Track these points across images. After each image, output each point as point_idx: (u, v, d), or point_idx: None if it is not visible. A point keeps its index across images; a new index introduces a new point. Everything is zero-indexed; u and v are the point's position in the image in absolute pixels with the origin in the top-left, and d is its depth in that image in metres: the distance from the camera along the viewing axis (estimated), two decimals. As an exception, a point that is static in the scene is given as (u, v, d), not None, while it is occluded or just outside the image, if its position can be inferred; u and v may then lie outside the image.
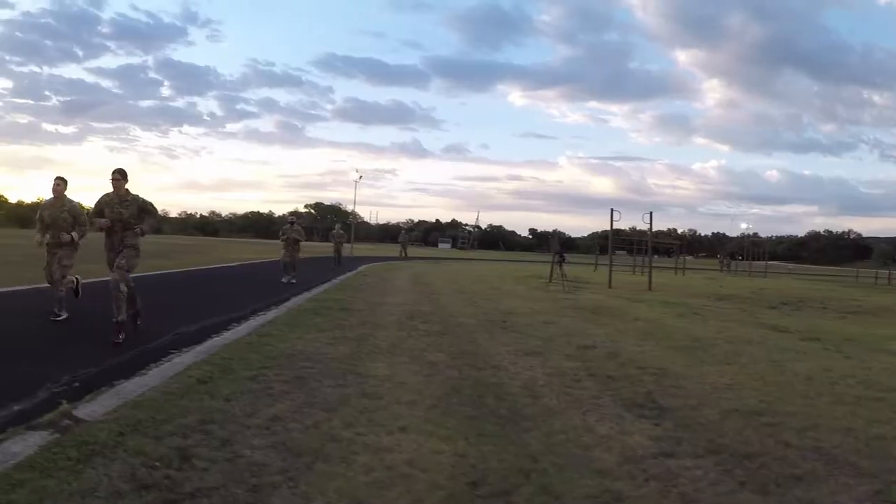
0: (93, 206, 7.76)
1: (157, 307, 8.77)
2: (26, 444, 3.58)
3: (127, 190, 7.42)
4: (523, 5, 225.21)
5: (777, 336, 9.91)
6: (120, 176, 7.33)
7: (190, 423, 4.09)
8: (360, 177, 66.45)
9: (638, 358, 7.22)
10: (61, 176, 8.38)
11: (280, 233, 17.78)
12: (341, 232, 27.27)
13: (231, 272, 21.15)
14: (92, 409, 4.33)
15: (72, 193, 8.39)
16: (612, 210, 22.21)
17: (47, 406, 4.30)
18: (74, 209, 8.35)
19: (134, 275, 7.45)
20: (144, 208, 7.48)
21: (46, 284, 8.41)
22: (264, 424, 4.19)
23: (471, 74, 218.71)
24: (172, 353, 6.36)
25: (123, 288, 7.02)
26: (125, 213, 7.33)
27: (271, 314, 9.67)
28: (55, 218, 8.18)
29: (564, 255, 21.93)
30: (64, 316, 8.10)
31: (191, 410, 4.38)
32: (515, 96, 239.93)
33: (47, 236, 8.29)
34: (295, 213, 14.97)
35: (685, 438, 4.32)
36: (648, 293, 19.15)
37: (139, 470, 3.30)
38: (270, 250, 41.72)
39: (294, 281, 16.08)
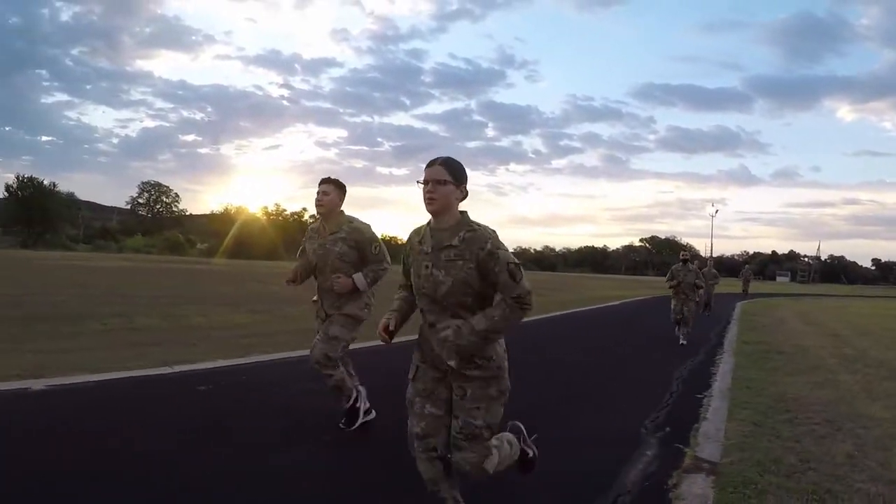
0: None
1: (612, 345, 10.58)
2: (699, 485, 4.19)
3: (462, 213, 3.08)
4: (838, 10, 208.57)
5: None
6: (447, 173, 3.01)
7: (795, 463, 4.66)
8: (717, 210, 62.00)
9: None
10: (330, 177, 4.85)
11: (668, 275, 13.53)
12: (714, 271, 24.03)
13: (629, 310, 23.07)
14: (707, 451, 4.95)
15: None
16: None
17: (663, 449, 5.01)
18: (359, 236, 4.82)
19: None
20: None
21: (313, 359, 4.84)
22: (846, 462, 4.75)
23: (794, 92, 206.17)
24: (698, 397, 7.11)
25: None
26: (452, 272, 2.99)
27: (726, 358, 10.46)
28: (324, 253, 4.80)
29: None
30: None
31: (779, 450, 4.95)
32: (844, 111, 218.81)
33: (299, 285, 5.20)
34: (688, 249, 12.10)
35: None
36: None
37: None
38: (631, 286, 43.35)
39: (685, 342, 12.41)
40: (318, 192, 4.78)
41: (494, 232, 2.98)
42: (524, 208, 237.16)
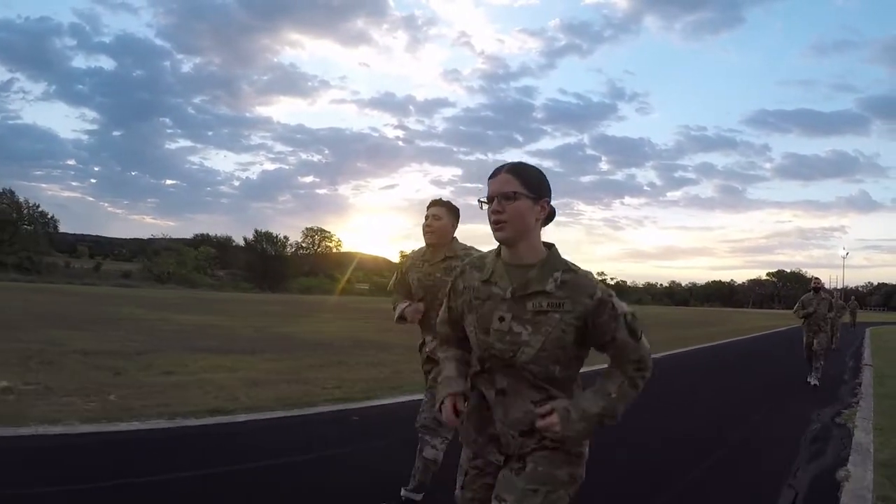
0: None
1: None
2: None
3: (550, 246, 2.14)
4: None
5: None
6: (518, 182, 2.08)
7: None
8: (847, 253, 62.30)
9: None
10: (441, 199, 3.89)
11: (797, 305, 11.88)
12: (841, 303, 24.68)
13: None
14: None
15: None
16: None
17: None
18: None
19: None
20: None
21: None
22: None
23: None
24: None
25: None
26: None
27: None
28: (433, 284, 3.77)
29: None
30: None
31: None
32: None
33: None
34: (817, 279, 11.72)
35: None
36: None
37: None
38: (774, 318, 52.31)
39: (815, 382, 11.22)
40: (426, 216, 3.81)
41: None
42: (641, 242, 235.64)
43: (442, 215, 3.81)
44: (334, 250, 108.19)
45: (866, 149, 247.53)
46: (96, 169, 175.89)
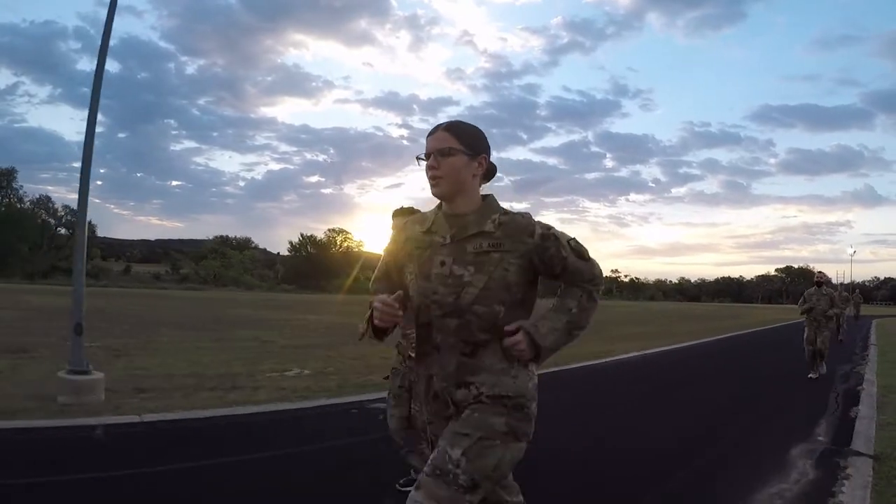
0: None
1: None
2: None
3: (487, 196, 2.28)
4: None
5: None
6: (454, 139, 2.18)
7: None
8: (854, 251, 62.98)
9: None
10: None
11: (800, 300, 12.01)
12: (845, 294, 28.62)
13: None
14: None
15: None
16: None
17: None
18: None
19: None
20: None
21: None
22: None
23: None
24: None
25: None
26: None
27: None
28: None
29: None
30: None
31: None
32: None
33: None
34: (821, 273, 12.21)
35: None
36: None
37: None
38: (790, 312, 55.75)
39: (815, 375, 11.56)
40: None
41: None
42: (647, 238, 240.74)
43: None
44: (355, 250, 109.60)
45: (871, 143, 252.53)
46: (102, 171, 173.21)
